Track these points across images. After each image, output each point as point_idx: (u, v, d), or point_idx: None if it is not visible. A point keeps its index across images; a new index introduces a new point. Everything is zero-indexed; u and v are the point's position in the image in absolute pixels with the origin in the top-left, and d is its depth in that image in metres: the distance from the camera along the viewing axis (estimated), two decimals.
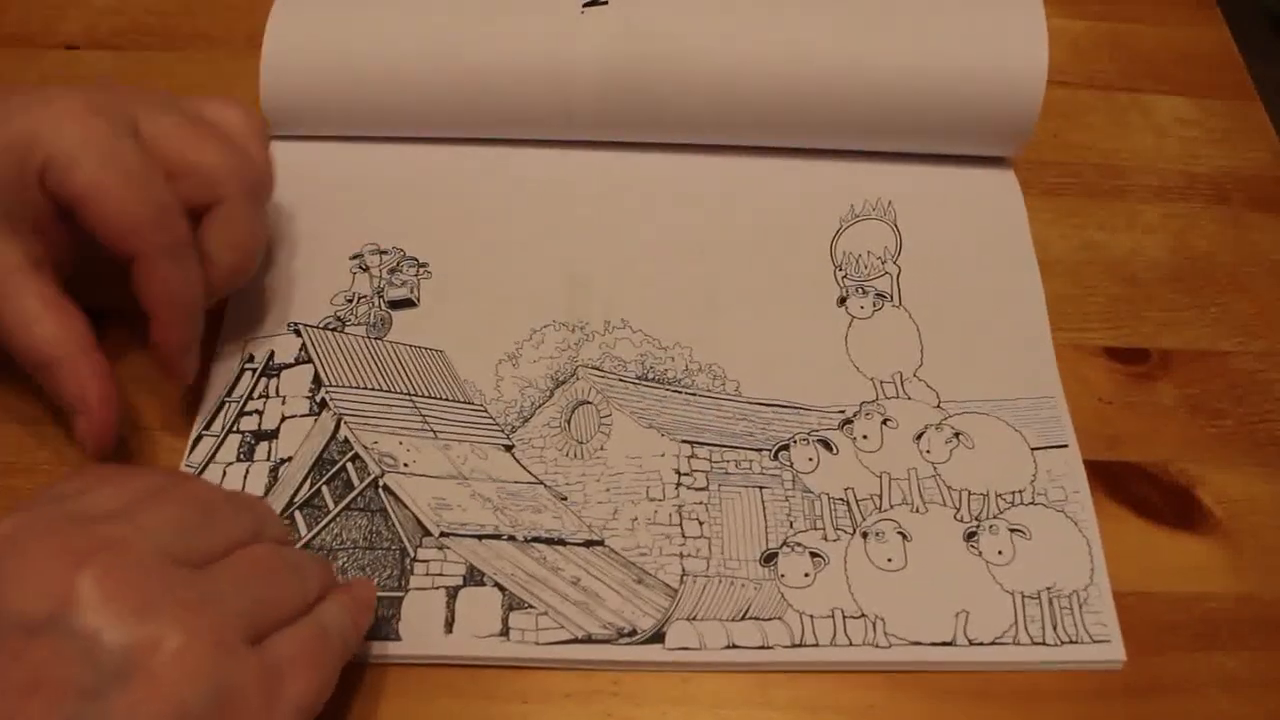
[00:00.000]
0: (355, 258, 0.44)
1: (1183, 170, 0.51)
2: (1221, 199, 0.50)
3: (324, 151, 0.47)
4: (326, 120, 0.47)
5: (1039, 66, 0.45)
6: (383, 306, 0.43)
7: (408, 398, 0.41)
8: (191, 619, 0.26)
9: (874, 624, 0.37)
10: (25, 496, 0.38)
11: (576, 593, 0.37)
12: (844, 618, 0.37)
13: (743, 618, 0.37)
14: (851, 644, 0.36)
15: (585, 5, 0.45)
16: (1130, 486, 0.41)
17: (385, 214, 0.46)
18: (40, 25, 0.52)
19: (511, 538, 0.38)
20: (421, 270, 0.44)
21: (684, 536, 0.38)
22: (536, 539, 0.38)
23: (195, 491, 0.30)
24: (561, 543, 0.38)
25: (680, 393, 0.42)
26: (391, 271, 0.44)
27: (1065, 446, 0.41)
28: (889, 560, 0.38)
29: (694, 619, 0.37)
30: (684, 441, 0.40)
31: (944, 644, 0.37)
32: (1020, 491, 0.40)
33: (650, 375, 0.42)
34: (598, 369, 0.42)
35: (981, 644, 0.37)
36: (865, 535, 0.39)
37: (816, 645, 0.36)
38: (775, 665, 0.36)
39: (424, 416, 0.40)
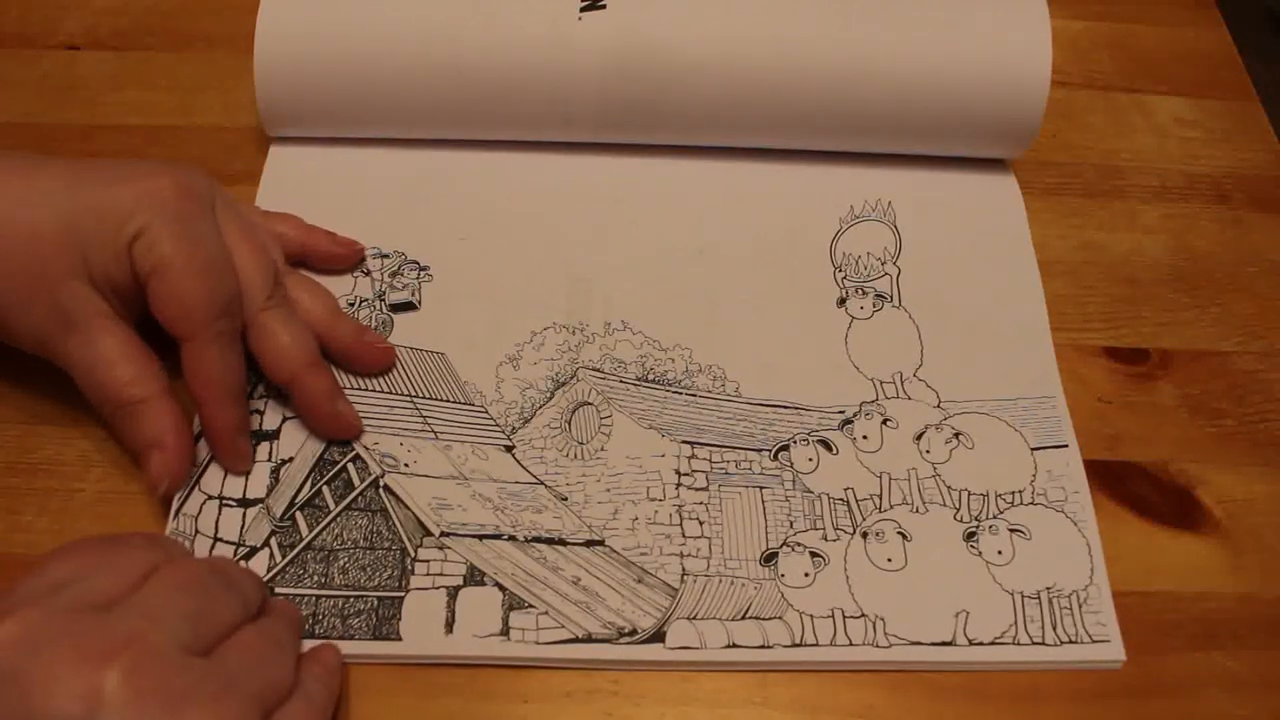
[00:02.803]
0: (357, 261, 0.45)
1: (1183, 170, 0.51)
2: (1221, 199, 0.50)
3: (325, 156, 0.47)
4: (324, 120, 0.47)
5: (1043, 70, 0.45)
6: (384, 309, 0.43)
7: (408, 399, 0.41)
8: (218, 708, 0.28)
9: (874, 624, 0.37)
10: (25, 496, 0.38)
11: (577, 592, 0.37)
12: (844, 618, 0.37)
13: (743, 617, 0.37)
14: (851, 644, 0.37)
15: (583, 9, 0.45)
16: (1130, 486, 0.41)
17: (386, 218, 0.46)
18: (41, 25, 0.52)
19: (512, 538, 0.38)
20: (423, 273, 0.44)
21: (684, 536, 0.38)
22: (537, 539, 0.38)
23: (189, 572, 0.31)
24: (562, 543, 0.38)
25: (680, 394, 0.42)
26: (393, 275, 0.44)
27: (1065, 446, 0.41)
28: (889, 560, 0.38)
29: (694, 618, 0.37)
30: (684, 442, 0.41)
31: (944, 644, 0.37)
32: (1020, 491, 0.40)
33: (650, 377, 0.42)
34: (598, 370, 0.42)
35: (981, 644, 0.37)
36: (865, 535, 0.39)
37: (816, 645, 0.36)
38: (775, 665, 0.36)
39: (425, 418, 0.40)
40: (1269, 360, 0.45)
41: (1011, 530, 0.39)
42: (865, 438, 0.41)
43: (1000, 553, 0.39)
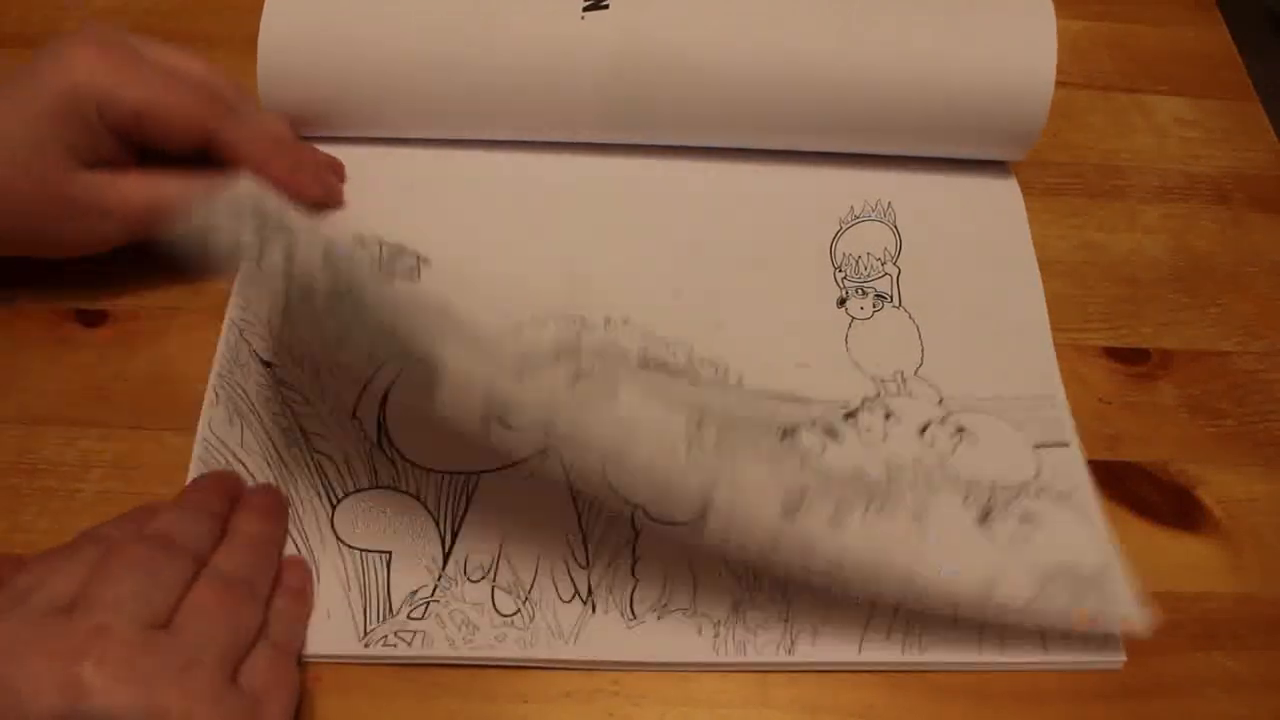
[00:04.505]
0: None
1: (1183, 170, 0.51)
2: (1221, 199, 0.50)
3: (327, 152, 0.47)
4: (326, 120, 0.47)
5: (1047, 72, 0.45)
6: None
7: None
8: (186, 681, 0.30)
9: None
10: (25, 496, 0.38)
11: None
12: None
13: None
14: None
15: (586, 9, 0.45)
16: (1130, 486, 0.41)
17: (387, 214, 0.46)
18: (41, 25, 0.52)
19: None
20: (422, 263, 0.44)
21: None
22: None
23: (130, 554, 0.32)
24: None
25: (683, 379, 0.42)
26: (392, 258, 0.44)
27: (1066, 445, 0.41)
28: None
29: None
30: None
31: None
32: (1021, 491, 0.40)
33: (652, 365, 0.42)
34: (599, 355, 0.42)
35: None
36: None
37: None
38: (775, 665, 0.36)
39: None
40: (1269, 360, 0.45)
41: (1011, 529, 0.39)
42: (869, 430, 0.41)
43: (1000, 552, 0.39)
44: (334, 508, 0.38)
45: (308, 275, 0.33)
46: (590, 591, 0.37)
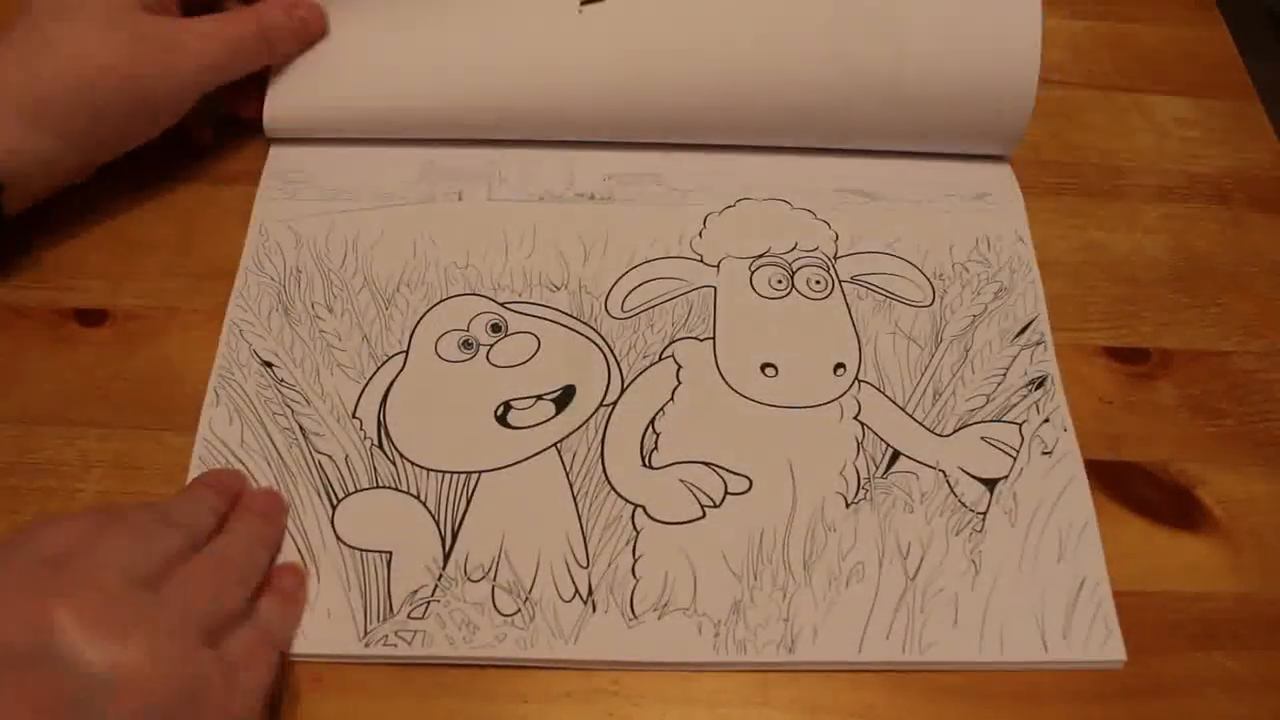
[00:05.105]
0: None
1: (1183, 170, 0.51)
2: (1221, 199, 0.50)
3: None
4: (324, 125, 0.47)
5: (1031, 64, 0.45)
6: None
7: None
8: (156, 633, 0.30)
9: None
10: (25, 496, 0.38)
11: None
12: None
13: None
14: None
15: (584, 3, 0.45)
16: (1130, 486, 0.41)
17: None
18: None
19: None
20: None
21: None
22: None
23: (128, 520, 0.33)
24: None
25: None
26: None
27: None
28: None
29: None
30: None
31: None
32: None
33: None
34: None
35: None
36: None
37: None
38: (775, 665, 0.36)
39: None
40: (1269, 360, 0.45)
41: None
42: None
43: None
44: (334, 508, 0.38)
45: None
46: (590, 591, 0.37)
